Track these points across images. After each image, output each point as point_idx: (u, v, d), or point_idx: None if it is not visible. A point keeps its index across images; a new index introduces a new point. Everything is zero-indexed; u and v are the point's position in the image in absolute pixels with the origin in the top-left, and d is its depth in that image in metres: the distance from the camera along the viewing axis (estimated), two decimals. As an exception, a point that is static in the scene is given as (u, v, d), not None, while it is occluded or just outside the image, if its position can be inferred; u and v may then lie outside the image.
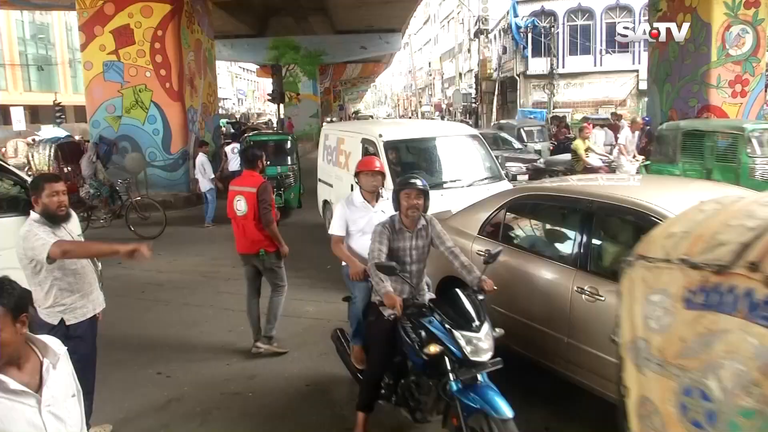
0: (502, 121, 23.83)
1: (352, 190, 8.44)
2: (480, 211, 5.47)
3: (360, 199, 4.85)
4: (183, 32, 15.47)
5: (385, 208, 4.75)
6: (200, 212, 12.74)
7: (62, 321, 3.97)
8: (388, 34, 35.35)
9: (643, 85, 27.22)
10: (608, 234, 4.67)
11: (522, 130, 19.00)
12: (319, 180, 10.69)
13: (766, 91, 17.05)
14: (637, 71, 33.79)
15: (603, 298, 4.01)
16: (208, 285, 8.27)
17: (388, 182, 7.36)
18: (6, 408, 1.86)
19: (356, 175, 4.89)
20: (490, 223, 5.29)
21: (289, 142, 13.71)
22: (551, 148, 18.83)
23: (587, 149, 11.92)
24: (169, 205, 13.42)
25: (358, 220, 4.77)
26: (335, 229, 4.82)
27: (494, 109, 39.39)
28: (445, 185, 7.71)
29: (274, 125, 29.11)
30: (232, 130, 28.70)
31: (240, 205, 5.69)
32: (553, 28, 33.76)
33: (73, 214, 6.11)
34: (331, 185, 9.95)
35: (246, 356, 5.77)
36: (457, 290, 3.85)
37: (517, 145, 17.13)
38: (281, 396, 4.96)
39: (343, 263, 4.82)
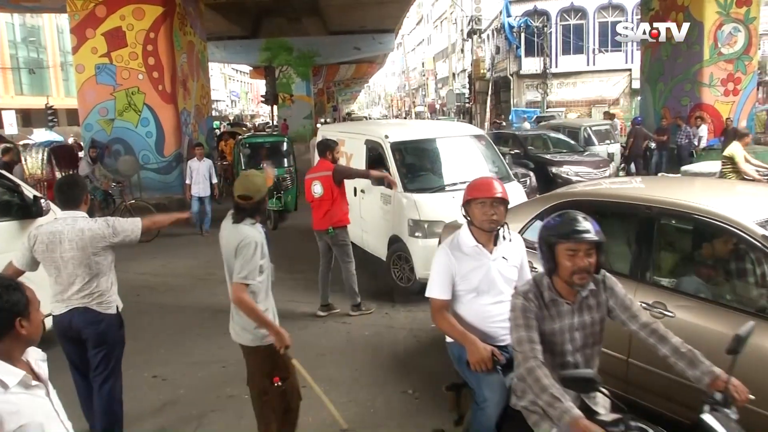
0: (554, 122, 19.69)
1: (355, 194, 8.24)
2: (513, 220, 4.77)
3: (471, 242, 3.28)
4: (175, 34, 15.41)
5: (509, 254, 3.32)
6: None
7: (118, 309, 4.14)
8: (381, 35, 35.32)
9: (636, 84, 27.34)
10: (673, 243, 4.38)
11: (588, 130, 16.63)
12: None
13: (758, 89, 17.14)
14: (630, 70, 33.93)
15: (672, 315, 3.67)
16: (204, 288, 8.24)
17: (398, 184, 7.37)
18: (33, 403, 1.95)
19: (464, 205, 3.34)
20: (530, 227, 4.69)
21: (285, 144, 13.58)
22: (625, 152, 16.34)
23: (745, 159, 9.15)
24: (163, 208, 13.34)
25: (469, 275, 3.22)
26: (436, 289, 3.28)
27: (488, 109, 39.43)
28: (455, 187, 7.31)
29: (269, 126, 28.92)
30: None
31: (317, 188, 6.71)
32: (546, 28, 33.90)
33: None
34: None
35: (242, 359, 5.74)
36: (705, 416, 2.33)
37: (580, 147, 15.18)
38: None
39: (449, 339, 3.38)
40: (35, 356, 2.09)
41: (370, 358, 5.66)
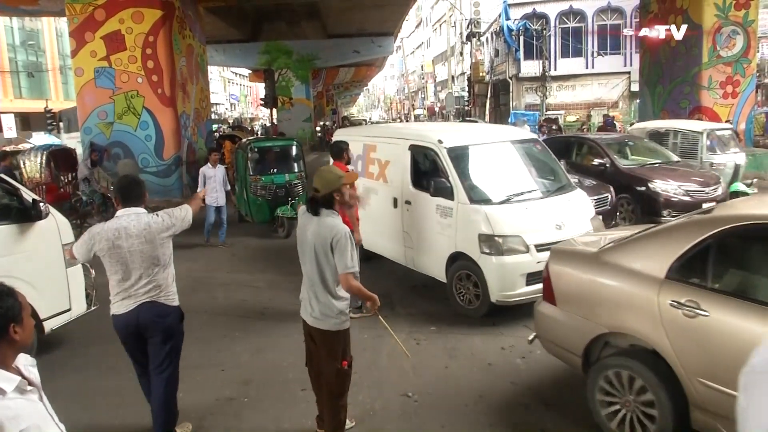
0: (659, 124, 13.92)
1: (395, 206, 7.57)
2: (665, 245, 3.97)
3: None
4: (175, 38, 15.43)
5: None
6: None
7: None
8: (380, 38, 35.40)
9: (635, 87, 27.38)
10: None
11: (712, 135, 12.48)
12: None
13: (756, 92, 17.16)
14: (628, 73, 34.00)
15: None
16: (203, 291, 8.22)
17: (461, 196, 6.60)
18: (30, 407, 1.96)
19: None
20: (688, 260, 3.78)
21: (294, 147, 12.72)
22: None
23: None
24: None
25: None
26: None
27: (487, 112, 39.46)
28: (523, 197, 6.82)
29: (257, 128, 28.59)
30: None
31: None
32: (544, 31, 33.92)
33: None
34: None
35: (240, 361, 5.74)
36: None
37: (675, 157, 11.78)
38: (276, 401, 4.93)
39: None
40: (24, 362, 2.10)
41: (370, 360, 5.65)
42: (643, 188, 10.43)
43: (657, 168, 11.07)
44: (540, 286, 5.94)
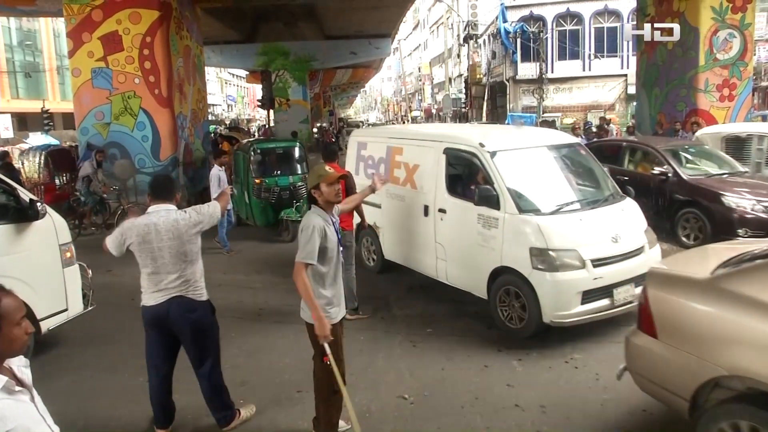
0: (738, 128, 12.09)
1: (426, 214, 7.19)
2: None
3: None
4: (172, 38, 15.40)
5: None
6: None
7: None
8: (377, 40, 35.41)
9: (632, 90, 27.45)
10: None
11: None
12: None
13: (753, 95, 17.20)
14: (625, 76, 34.08)
15: None
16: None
17: (508, 205, 6.05)
18: (18, 408, 1.94)
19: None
20: None
21: (297, 149, 12.52)
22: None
23: None
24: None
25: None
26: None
27: (484, 114, 39.52)
28: (574, 207, 6.30)
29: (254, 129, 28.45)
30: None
31: None
32: (542, 33, 33.97)
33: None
34: (378, 205, 7.99)
35: (237, 363, 5.73)
36: None
37: (741, 167, 10.35)
38: (272, 403, 4.92)
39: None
40: (18, 363, 2.09)
41: (366, 362, 5.64)
42: (713, 203, 9.20)
43: (727, 179, 9.74)
44: (597, 305, 5.84)
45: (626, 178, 9.63)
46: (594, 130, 19.40)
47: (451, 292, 7.12)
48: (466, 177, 7.03)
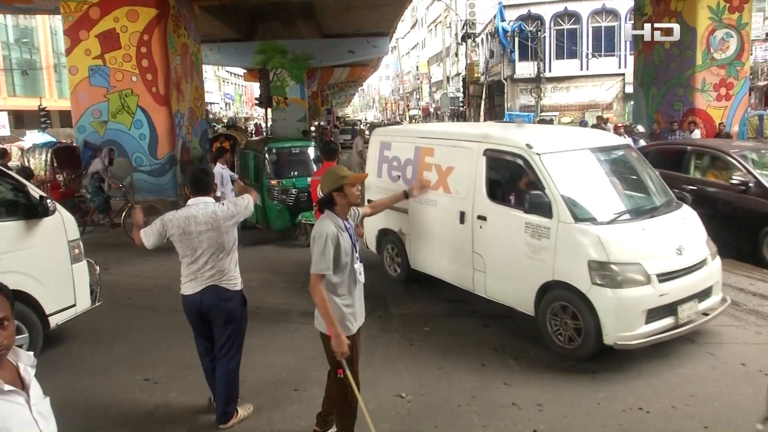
0: None
1: (462, 221, 6.52)
2: None
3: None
4: (169, 36, 15.38)
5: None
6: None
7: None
8: (375, 38, 35.35)
9: (629, 89, 27.47)
10: None
11: None
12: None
13: (749, 94, 17.23)
14: (623, 75, 34.14)
15: None
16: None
17: (563, 213, 5.49)
18: (5, 409, 1.90)
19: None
20: None
21: (312, 149, 11.86)
22: None
23: None
24: (156, 211, 13.31)
25: None
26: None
27: (482, 113, 39.52)
28: (634, 215, 5.82)
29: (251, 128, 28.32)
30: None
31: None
32: (539, 32, 34.01)
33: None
34: (405, 211, 7.42)
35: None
36: None
37: None
38: (269, 401, 4.92)
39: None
40: (26, 361, 2.05)
41: (363, 361, 5.63)
42: None
43: None
44: (661, 324, 5.27)
45: (693, 187, 8.82)
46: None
47: (448, 291, 7.12)
48: (508, 181, 6.48)
